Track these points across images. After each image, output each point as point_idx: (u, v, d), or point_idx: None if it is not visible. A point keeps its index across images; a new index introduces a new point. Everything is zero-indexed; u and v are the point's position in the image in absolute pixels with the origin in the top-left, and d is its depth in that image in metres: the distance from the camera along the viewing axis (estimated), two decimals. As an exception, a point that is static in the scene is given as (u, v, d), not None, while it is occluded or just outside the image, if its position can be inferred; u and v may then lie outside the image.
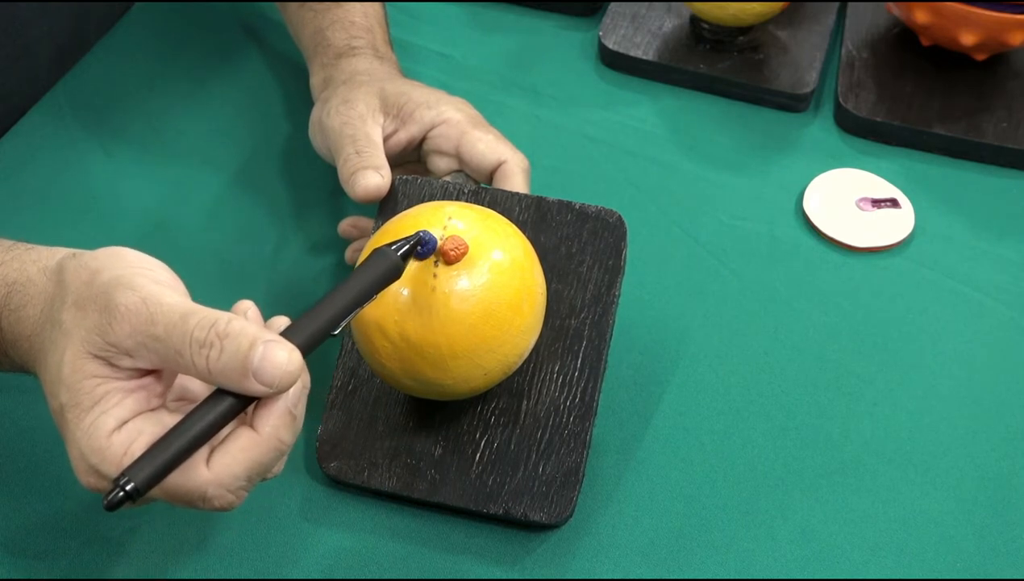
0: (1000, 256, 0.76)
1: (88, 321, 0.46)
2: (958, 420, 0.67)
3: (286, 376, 0.45)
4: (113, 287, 0.46)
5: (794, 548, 0.60)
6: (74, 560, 0.58)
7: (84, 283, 0.47)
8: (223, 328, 0.45)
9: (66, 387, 0.46)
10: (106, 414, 0.46)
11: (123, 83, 0.85)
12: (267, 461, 0.47)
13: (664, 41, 0.89)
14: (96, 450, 0.45)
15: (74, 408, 0.46)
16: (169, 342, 0.45)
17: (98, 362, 0.46)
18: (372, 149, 0.66)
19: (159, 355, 0.46)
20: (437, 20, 0.93)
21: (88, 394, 0.46)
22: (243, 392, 0.46)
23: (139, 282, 0.47)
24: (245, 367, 0.45)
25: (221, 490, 0.46)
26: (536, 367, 0.62)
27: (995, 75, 0.88)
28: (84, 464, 0.46)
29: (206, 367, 0.45)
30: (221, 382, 0.46)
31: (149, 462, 0.44)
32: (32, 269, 0.51)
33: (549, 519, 0.58)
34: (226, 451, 0.46)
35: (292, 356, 0.46)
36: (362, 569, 0.58)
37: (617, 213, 0.64)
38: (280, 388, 0.46)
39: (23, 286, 0.51)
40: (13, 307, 0.51)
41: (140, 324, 0.45)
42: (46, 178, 0.78)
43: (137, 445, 0.45)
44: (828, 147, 0.84)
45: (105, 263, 0.48)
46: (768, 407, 0.66)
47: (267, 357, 0.45)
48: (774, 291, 0.73)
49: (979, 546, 0.61)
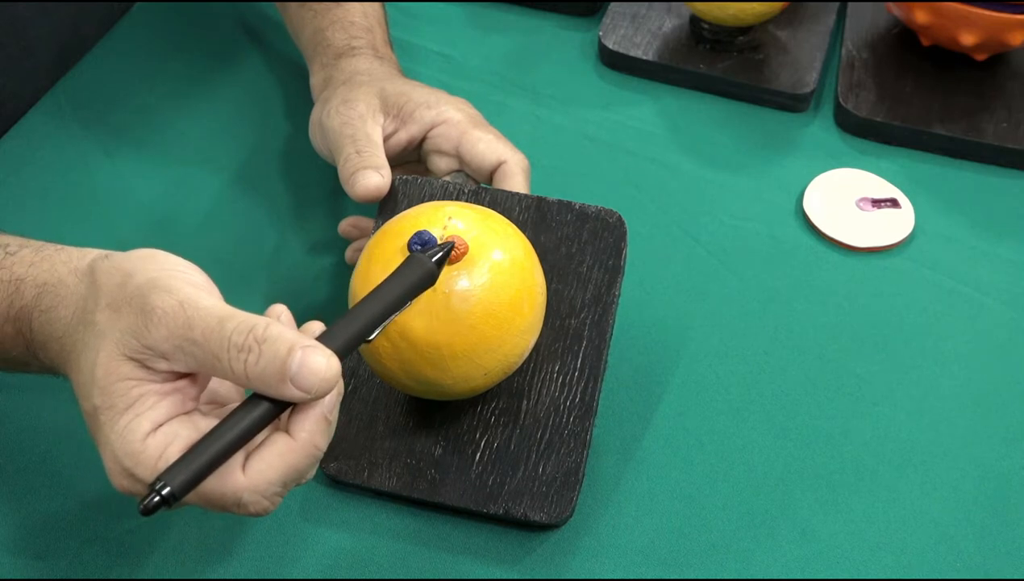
0: (1000, 256, 0.76)
1: (123, 323, 0.46)
2: (958, 420, 0.67)
3: (324, 382, 0.45)
4: (149, 289, 0.46)
5: (794, 548, 0.60)
6: (74, 560, 0.58)
7: (118, 285, 0.47)
8: (261, 333, 0.45)
9: (99, 389, 0.46)
10: (141, 417, 0.45)
11: (123, 83, 0.85)
12: (303, 467, 0.47)
13: (664, 41, 0.89)
14: (131, 454, 0.45)
15: (108, 410, 0.45)
16: (207, 346, 0.45)
17: (133, 364, 0.46)
18: (372, 149, 0.66)
19: (196, 359, 0.45)
20: (437, 20, 0.93)
21: (122, 396, 0.45)
22: (280, 397, 0.45)
23: (175, 284, 0.46)
24: (283, 372, 0.44)
25: (256, 496, 0.46)
26: (536, 367, 0.62)
27: (995, 75, 0.88)
28: (118, 467, 0.46)
29: (244, 372, 0.44)
30: (258, 387, 0.45)
31: (185, 467, 0.44)
32: (63, 270, 0.51)
33: (549, 519, 0.58)
34: (262, 457, 0.46)
35: (331, 362, 0.45)
36: (362, 569, 0.58)
37: (617, 213, 0.64)
38: (318, 394, 0.45)
39: (54, 287, 0.50)
40: (44, 308, 0.50)
41: (177, 327, 0.45)
42: (46, 178, 0.78)
43: (173, 449, 0.45)
44: (828, 147, 0.84)
45: (138, 265, 0.48)
46: (768, 407, 0.66)
47: (305, 363, 0.44)
48: (774, 291, 0.73)
49: (979, 546, 0.61)
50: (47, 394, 0.64)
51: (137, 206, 0.77)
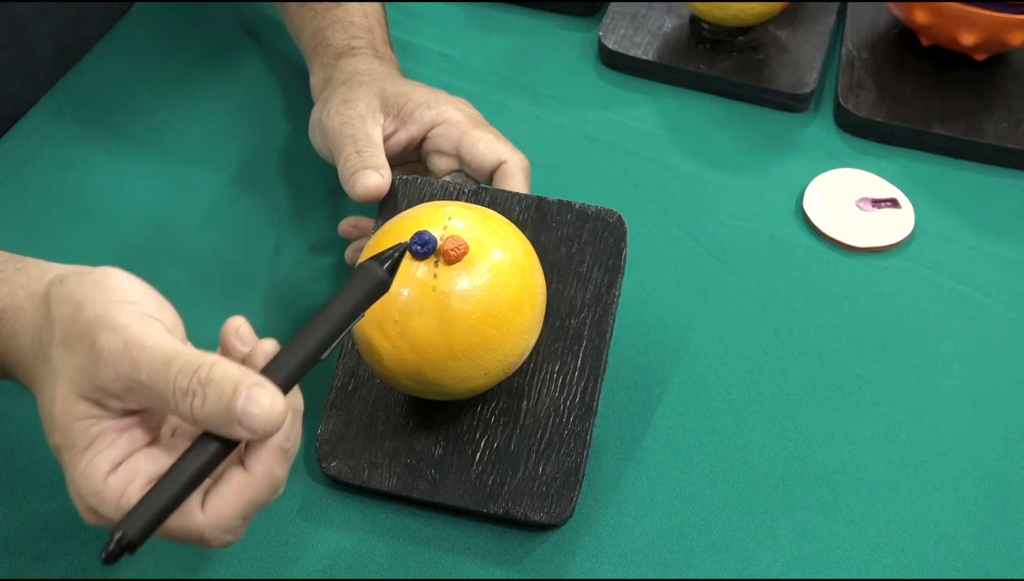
0: (1000, 256, 0.76)
1: (75, 360, 0.46)
2: (958, 420, 0.67)
3: (270, 422, 0.45)
4: (96, 327, 0.45)
5: (794, 548, 0.60)
6: (74, 560, 0.58)
7: (70, 318, 0.47)
8: (205, 374, 0.44)
9: (59, 428, 0.46)
10: (100, 455, 0.45)
11: (123, 83, 0.85)
12: (261, 499, 0.47)
13: (664, 41, 0.89)
14: (94, 492, 0.45)
15: (69, 449, 0.46)
16: (153, 388, 0.45)
17: (88, 403, 0.46)
18: (372, 149, 0.66)
19: (146, 399, 0.45)
20: (437, 20, 0.93)
21: (81, 435, 0.45)
22: (229, 437, 0.45)
23: (122, 320, 0.46)
24: (229, 414, 0.44)
25: (217, 532, 0.46)
26: (536, 367, 0.62)
27: (995, 75, 0.88)
28: (84, 504, 0.46)
29: (191, 415, 0.44)
30: (208, 427, 0.45)
31: (143, 513, 0.44)
32: (20, 294, 0.50)
33: (549, 519, 0.58)
34: (219, 494, 0.46)
35: (275, 401, 0.45)
36: (362, 569, 0.58)
37: (617, 213, 0.64)
38: (265, 434, 0.45)
39: (13, 313, 0.50)
40: (5, 335, 0.50)
41: (124, 369, 0.45)
42: (46, 178, 0.78)
43: (134, 487, 0.45)
44: (828, 147, 0.84)
45: (90, 294, 0.47)
46: (768, 407, 0.66)
47: (251, 401, 0.44)
48: (774, 291, 0.73)
49: (979, 546, 0.61)
50: (47, 394, 0.64)
51: (137, 206, 0.77)
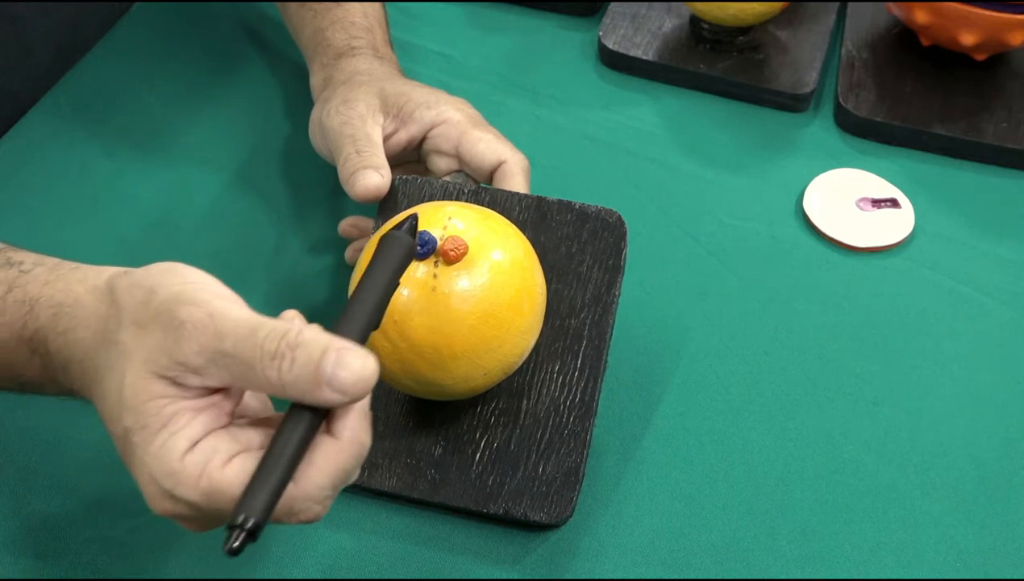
0: (1000, 256, 0.76)
1: (150, 340, 0.44)
2: (958, 420, 0.67)
3: (360, 383, 0.44)
4: (175, 303, 0.44)
5: (794, 548, 0.60)
6: (74, 560, 0.58)
7: (141, 302, 0.45)
8: (294, 338, 0.43)
9: (130, 410, 0.44)
10: (176, 435, 0.44)
11: (123, 83, 0.85)
12: (350, 467, 0.45)
13: (664, 41, 0.89)
14: (169, 474, 0.43)
15: (141, 431, 0.44)
16: (239, 356, 0.43)
17: (163, 382, 0.44)
18: (372, 149, 0.66)
19: (229, 371, 0.44)
20: (437, 20, 0.93)
21: (155, 416, 0.44)
22: (315, 402, 0.44)
23: (202, 297, 0.45)
24: (318, 377, 0.43)
25: (308, 503, 0.45)
26: (536, 367, 0.62)
27: (995, 75, 0.88)
28: (157, 489, 0.44)
29: (278, 379, 0.43)
30: (293, 394, 0.44)
31: (260, 494, 0.42)
32: (79, 289, 0.49)
33: (549, 519, 0.58)
34: (310, 463, 0.45)
35: (365, 362, 0.44)
36: (362, 569, 0.58)
37: (617, 213, 0.64)
38: (355, 396, 0.44)
39: (71, 307, 0.48)
40: (61, 330, 0.48)
41: (208, 340, 0.44)
42: (46, 178, 0.78)
43: (214, 464, 0.44)
44: (828, 147, 0.84)
45: (160, 280, 0.46)
46: (768, 407, 0.66)
47: (341, 363, 0.43)
48: (774, 291, 0.73)
49: (979, 546, 0.61)
50: (47, 394, 0.64)
51: (137, 206, 0.77)
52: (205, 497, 0.44)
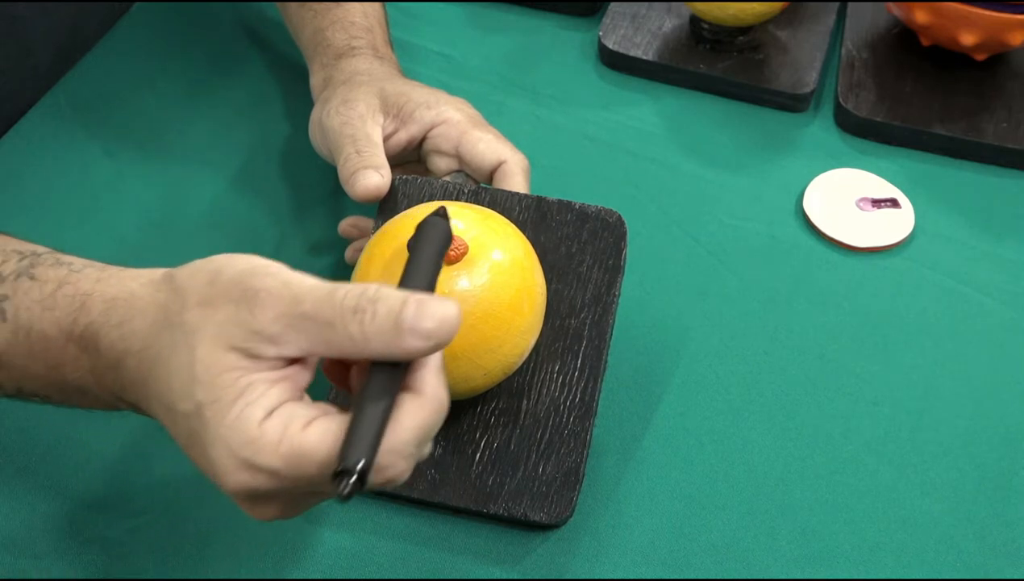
0: (1000, 256, 0.76)
1: (220, 315, 0.44)
2: (958, 420, 0.67)
3: (444, 325, 0.43)
4: (247, 276, 0.44)
5: (794, 548, 0.60)
6: (74, 560, 0.58)
7: (206, 283, 0.45)
8: (373, 294, 0.43)
9: (202, 384, 0.43)
10: (252, 405, 0.43)
11: (123, 83, 0.85)
12: (433, 422, 0.45)
13: (664, 41, 0.89)
14: (248, 442, 0.42)
15: (214, 404, 0.43)
16: (319, 317, 0.43)
17: (236, 354, 0.43)
18: (372, 149, 0.66)
19: (307, 335, 0.43)
20: (437, 20, 0.93)
21: (229, 387, 0.43)
22: (399, 351, 0.43)
23: (273, 269, 0.45)
24: (400, 324, 0.43)
25: (394, 457, 0.43)
26: (536, 367, 0.62)
27: (995, 75, 0.88)
28: (235, 461, 0.43)
29: (361, 332, 0.43)
30: (376, 347, 0.43)
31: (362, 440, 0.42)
32: (133, 284, 0.48)
33: (549, 519, 0.58)
34: (395, 419, 0.44)
35: (448, 306, 0.43)
36: (362, 569, 0.58)
37: (617, 213, 0.64)
38: (438, 341, 0.43)
39: (125, 301, 0.48)
40: (115, 323, 0.47)
41: (285, 306, 0.43)
42: (46, 178, 0.78)
43: (293, 428, 0.43)
44: (828, 147, 0.84)
45: (224, 262, 0.46)
46: (768, 407, 0.66)
47: (422, 311, 0.43)
48: (774, 291, 0.73)
49: (979, 546, 0.61)
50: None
51: (137, 206, 0.77)
52: (287, 461, 0.43)
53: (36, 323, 0.49)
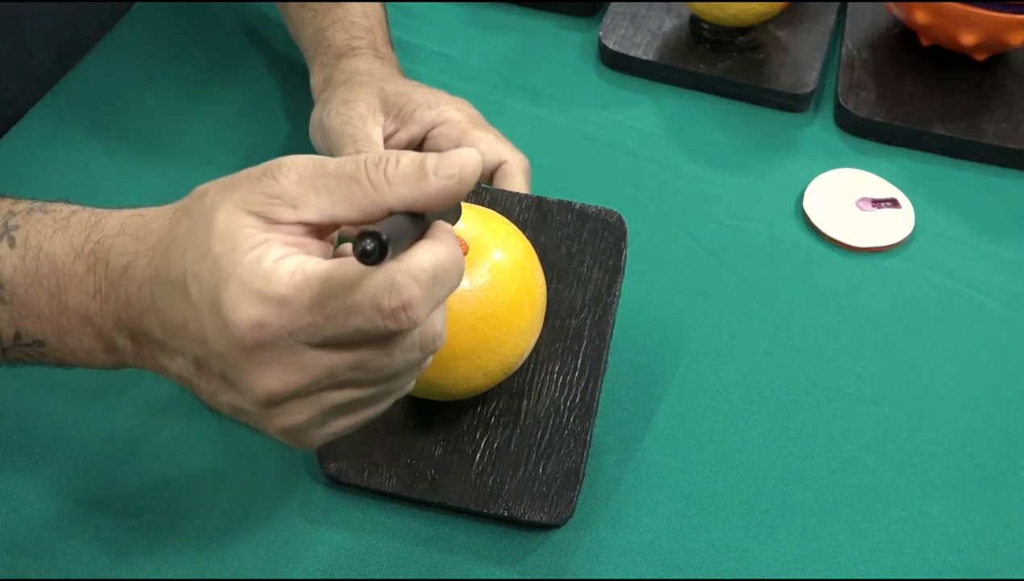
0: (1000, 256, 0.76)
1: (241, 189, 0.44)
2: (958, 420, 0.67)
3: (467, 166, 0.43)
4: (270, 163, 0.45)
5: (794, 548, 0.60)
6: (74, 560, 0.58)
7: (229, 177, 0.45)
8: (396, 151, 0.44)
9: (220, 237, 0.43)
10: (269, 250, 0.43)
11: (123, 83, 0.85)
12: (448, 265, 0.44)
13: (664, 41, 0.89)
14: (263, 274, 0.42)
15: (231, 253, 0.43)
16: (342, 173, 0.43)
17: (255, 217, 0.43)
18: (373, 149, 0.66)
19: (329, 193, 0.43)
20: (437, 20, 0.93)
21: (247, 240, 0.43)
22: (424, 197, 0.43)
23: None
24: (424, 168, 0.43)
25: (409, 279, 0.42)
26: (536, 367, 0.62)
27: (995, 75, 0.88)
28: (247, 294, 0.42)
29: (384, 178, 0.43)
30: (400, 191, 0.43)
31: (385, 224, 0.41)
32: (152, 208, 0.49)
33: (549, 519, 0.58)
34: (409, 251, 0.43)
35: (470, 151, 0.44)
36: (362, 569, 0.58)
37: (617, 213, 0.64)
38: (462, 180, 0.43)
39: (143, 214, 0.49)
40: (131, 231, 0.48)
41: (309, 170, 0.44)
42: (46, 178, 0.78)
43: (310, 262, 0.42)
44: (828, 147, 0.84)
45: None
46: (768, 407, 0.66)
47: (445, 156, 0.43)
48: (774, 291, 0.73)
49: (979, 546, 0.61)
50: (47, 392, 0.64)
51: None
52: (298, 288, 0.42)
53: (46, 244, 0.50)
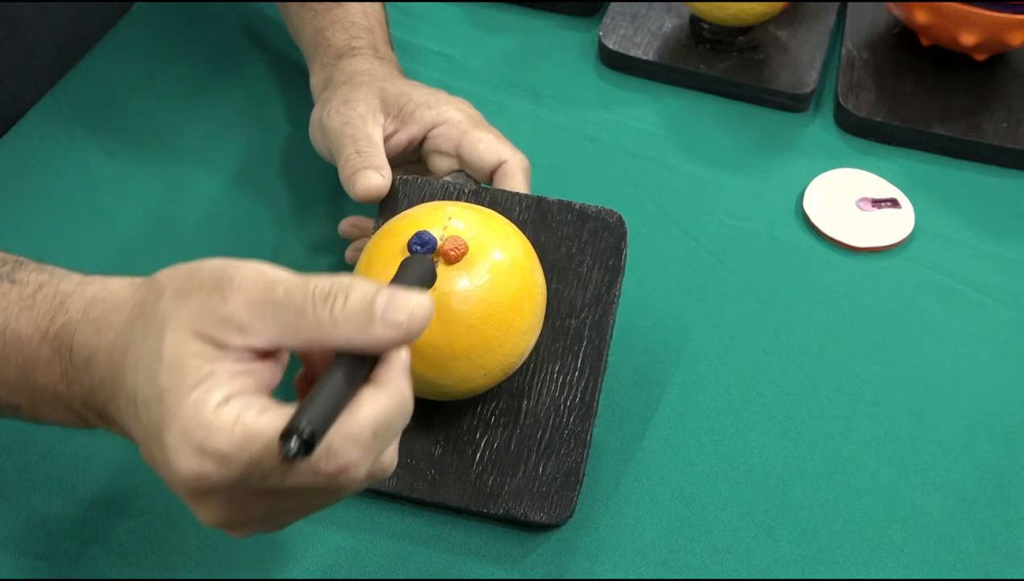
0: (1000, 256, 0.76)
1: (192, 303, 0.44)
2: (958, 420, 0.67)
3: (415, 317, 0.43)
4: (223, 267, 0.44)
5: (794, 548, 0.60)
6: (74, 560, 0.58)
7: (184, 277, 0.45)
8: (346, 283, 0.43)
9: (167, 368, 0.43)
10: (211, 391, 0.42)
11: (123, 83, 0.85)
12: (393, 416, 0.44)
13: (664, 41, 0.89)
14: (202, 424, 0.42)
15: (176, 388, 0.42)
16: (290, 303, 0.43)
17: (202, 342, 0.43)
18: (373, 149, 0.66)
19: (276, 322, 0.43)
20: (437, 20, 0.93)
21: (192, 372, 0.43)
22: (368, 342, 0.43)
23: (251, 263, 0.45)
24: (371, 312, 0.43)
25: (348, 442, 0.42)
26: (536, 367, 0.62)
27: (995, 75, 0.88)
28: (187, 445, 0.42)
29: (330, 317, 0.43)
30: (346, 333, 0.43)
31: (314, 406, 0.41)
32: (115, 286, 0.48)
33: (549, 519, 0.58)
34: (351, 405, 0.43)
35: (421, 298, 0.44)
36: (362, 569, 0.58)
37: (617, 213, 0.64)
38: (408, 331, 0.43)
39: (104, 299, 0.48)
40: (92, 319, 0.47)
41: (257, 292, 0.43)
42: (46, 178, 0.78)
43: (250, 414, 0.42)
44: (828, 147, 0.84)
45: (204, 261, 0.46)
46: (768, 407, 0.66)
47: (394, 301, 0.43)
48: (774, 291, 0.73)
49: (979, 546, 0.61)
50: (47, 394, 0.64)
51: (137, 206, 0.77)
52: (237, 445, 0.42)
53: (12, 322, 0.49)
